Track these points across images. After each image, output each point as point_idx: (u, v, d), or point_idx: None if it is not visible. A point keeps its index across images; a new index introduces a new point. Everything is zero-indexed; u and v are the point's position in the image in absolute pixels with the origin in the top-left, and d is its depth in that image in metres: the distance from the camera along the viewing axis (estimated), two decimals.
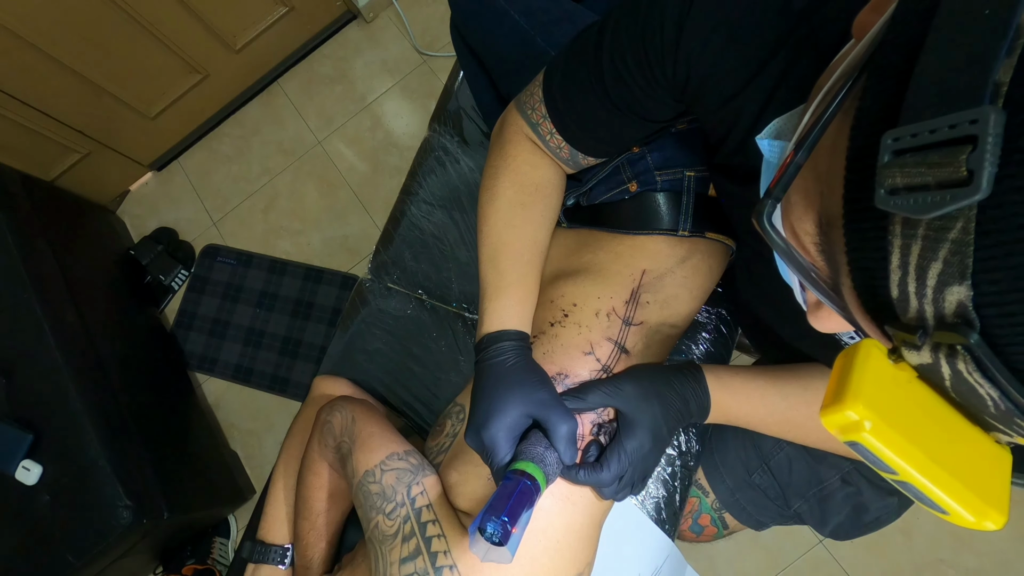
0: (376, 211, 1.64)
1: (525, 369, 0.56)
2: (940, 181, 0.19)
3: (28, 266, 1.17)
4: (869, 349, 0.25)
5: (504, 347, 0.57)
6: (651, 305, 0.63)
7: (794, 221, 0.30)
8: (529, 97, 0.63)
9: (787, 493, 0.82)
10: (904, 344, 0.23)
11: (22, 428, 1.04)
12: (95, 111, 1.47)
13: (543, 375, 0.57)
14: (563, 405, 0.54)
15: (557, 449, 0.52)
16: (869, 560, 1.28)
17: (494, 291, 0.61)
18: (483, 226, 0.64)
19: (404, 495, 0.58)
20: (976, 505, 0.23)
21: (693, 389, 0.58)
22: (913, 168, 0.20)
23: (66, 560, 1.02)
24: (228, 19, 1.50)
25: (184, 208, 1.74)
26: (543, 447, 0.52)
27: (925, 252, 0.21)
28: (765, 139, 0.37)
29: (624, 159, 0.67)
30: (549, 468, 0.51)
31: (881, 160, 0.21)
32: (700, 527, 1.07)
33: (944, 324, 0.21)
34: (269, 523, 0.79)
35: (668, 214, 0.65)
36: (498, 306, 0.60)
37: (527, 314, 0.61)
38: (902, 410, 0.24)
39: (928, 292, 0.21)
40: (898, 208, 0.20)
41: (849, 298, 0.26)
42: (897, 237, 0.22)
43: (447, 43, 1.67)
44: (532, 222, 0.63)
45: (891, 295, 0.23)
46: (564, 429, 0.52)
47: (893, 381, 0.25)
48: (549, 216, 0.65)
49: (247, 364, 1.59)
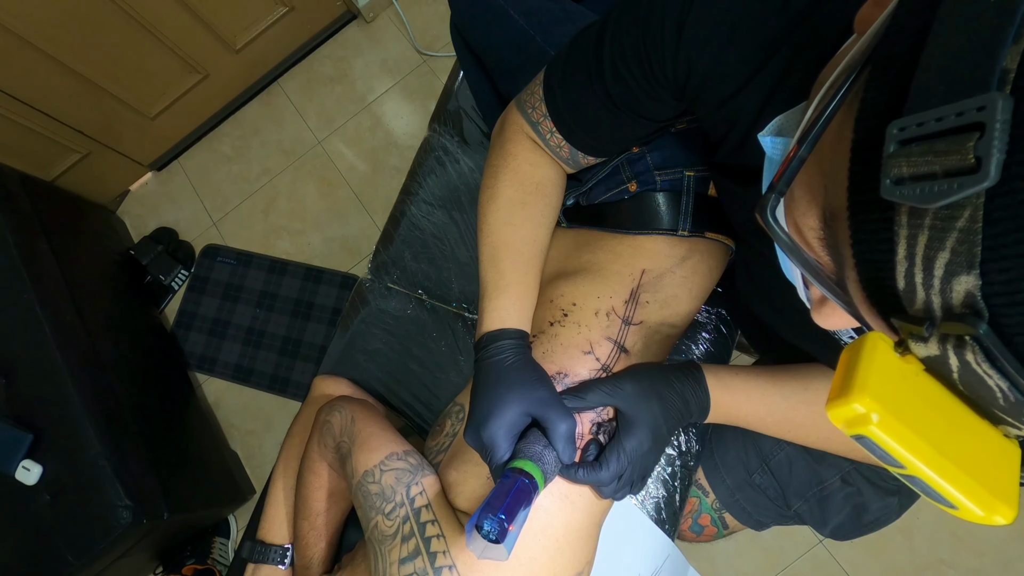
0: (376, 211, 1.64)
1: (524, 368, 0.56)
2: (947, 169, 0.19)
3: (28, 266, 1.17)
4: (875, 342, 0.25)
5: (503, 346, 0.57)
6: (651, 305, 0.63)
7: (797, 216, 0.29)
8: (529, 96, 0.63)
9: (787, 493, 0.82)
10: (911, 336, 0.23)
11: (22, 428, 1.04)
12: (95, 111, 1.47)
13: (542, 374, 0.57)
14: (562, 404, 0.54)
15: (556, 448, 0.52)
16: (869, 560, 1.28)
17: (494, 290, 0.61)
18: (483, 225, 0.64)
19: (403, 495, 0.58)
20: (985, 499, 0.23)
21: (693, 389, 0.58)
22: (919, 157, 0.20)
23: (66, 560, 1.02)
24: (228, 19, 1.50)
25: (184, 208, 1.74)
26: (541, 446, 0.52)
27: (932, 242, 0.21)
28: (767, 136, 0.37)
29: (624, 159, 0.67)
30: (547, 467, 0.51)
31: (887, 150, 0.21)
32: (700, 527, 1.07)
33: (952, 315, 0.21)
34: (269, 523, 0.79)
35: (668, 214, 0.65)
36: (497, 305, 0.60)
37: (527, 313, 0.61)
38: (909, 403, 0.24)
39: (935, 282, 0.21)
40: (904, 198, 0.20)
41: (854, 292, 0.26)
42: (903, 228, 0.21)
43: (447, 43, 1.67)
44: (532, 221, 0.63)
45: (897, 287, 0.23)
46: (563, 428, 0.52)
47: (900, 374, 0.24)
48: (549, 215, 0.65)
49: (247, 364, 1.59)
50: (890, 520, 0.80)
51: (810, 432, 0.59)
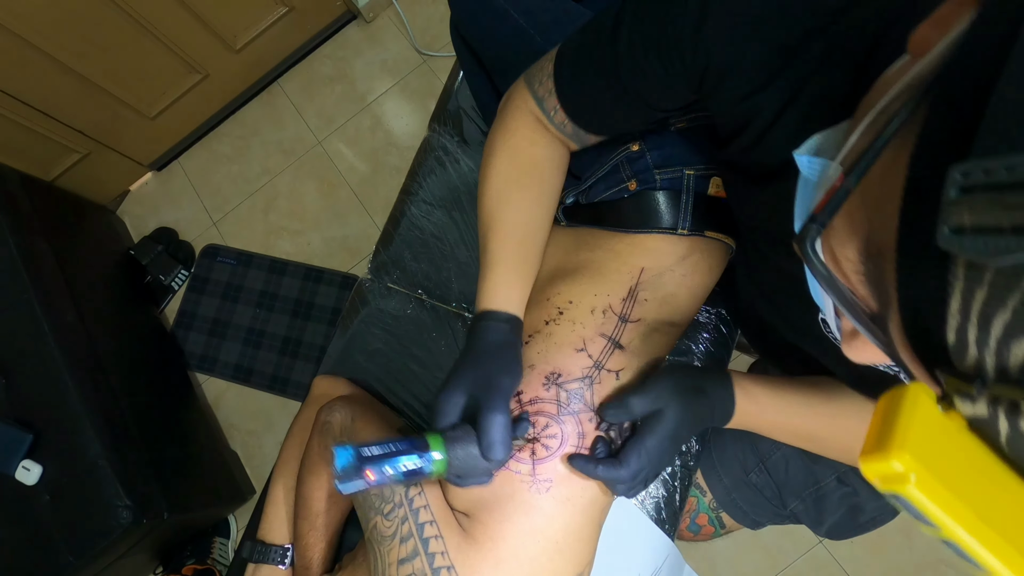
0: (376, 211, 1.64)
1: (488, 353, 0.56)
2: (1016, 225, 0.17)
3: (28, 266, 1.17)
4: (917, 394, 0.23)
5: (482, 327, 0.58)
6: (649, 303, 0.63)
7: (835, 246, 0.28)
8: (539, 71, 0.62)
9: (783, 493, 0.82)
10: (957, 392, 0.21)
11: (22, 428, 1.04)
12: (95, 111, 1.47)
13: (504, 364, 0.56)
14: (502, 402, 0.53)
15: (478, 438, 0.52)
16: (869, 560, 1.28)
17: (484, 269, 0.61)
18: (479, 201, 0.63)
19: (402, 496, 0.58)
20: None
21: (721, 395, 0.57)
22: (985, 208, 0.18)
23: (66, 560, 1.02)
24: (228, 19, 1.50)
25: (184, 208, 1.74)
26: (467, 436, 0.52)
27: (991, 300, 0.19)
28: (804, 155, 0.35)
29: (623, 157, 0.67)
30: (456, 453, 0.51)
31: (947, 196, 0.19)
32: (697, 526, 1.07)
33: (1007, 378, 0.19)
34: (269, 523, 0.79)
35: (667, 212, 0.65)
36: (485, 286, 0.60)
37: (512, 294, 0.60)
38: (950, 462, 0.22)
39: (991, 343, 0.19)
40: (964, 250, 0.18)
41: (896, 335, 0.24)
42: (959, 280, 0.20)
43: (447, 43, 1.67)
44: (526, 200, 0.62)
45: (947, 340, 0.21)
46: (488, 421, 0.51)
47: (941, 430, 0.23)
48: (547, 195, 0.64)
49: (247, 364, 1.59)
50: (886, 520, 0.80)
51: (829, 446, 0.59)
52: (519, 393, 0.60)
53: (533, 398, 0.59)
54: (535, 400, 0.59)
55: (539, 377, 0.60)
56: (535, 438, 0.58)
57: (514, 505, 0.55)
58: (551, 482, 0.56)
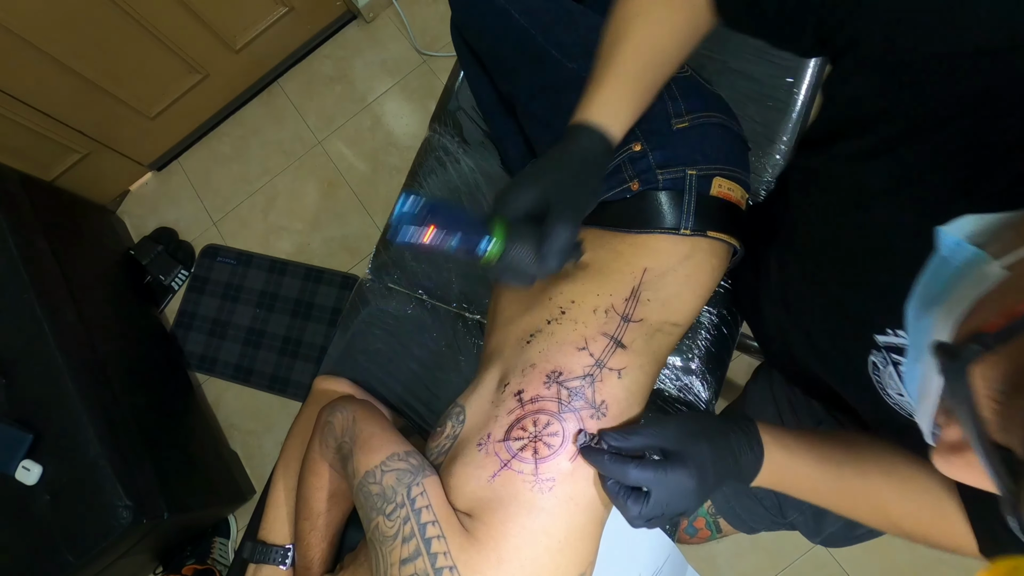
0: (376, 211, 1.64)
1: (578, 164, 0.54)
2: None
3: (28, 266, 1.17)
4: None
5: (583, 134, 0.55)
6: (652, 303, 0.63)
7: (978, 364, 0.25)
8: None
9: (783, 504, 0.82)
10: None
11: (22, 428, 1.04)
12: (95, 111, 1.47)
13: (592, 182, 0.55)
14: (576, 215, 0.52)
15: (539, 242, 0.52)
16: (869, 560, 1.28)
17: (599, 76, 0.57)
18: (612, 13, 0.58)
19: (404, 496, 0.58)
20: None
21: (747, 441, 0.55)
22: None
23: (66, 560, 1.02)
24: (228, 19, 1.50)
25: (184, 208, 1.74)
26: (532, 233, 0.52)
27: None
28: (952, 236, 0.31)
29: (626, 157, 0.67)
30: (515, 245, 0.51)
31: None
32: (695, 529, 1.07)
33: None
34: (270, 523, 0.79)
35: (670, 213, 0.65)
36: (600, 95, 0.56)
37: (622, 114, 0.57)
38: None
39: None
40: None
41: None
42: None
43: (447, 43, 1.67)
44: (670, 21, 0.57)
45: None
46: (557, 231, 0.51)
47: None
48: (693, 27, 0.58)
49: (247, 364, 1.59)
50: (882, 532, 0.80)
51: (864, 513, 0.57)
52: (519, 392, 0.60)
53: (534, 396, 0.59)
54: (536, 398, 0.59)
55: (540, 375, 0.60)
56: (536, 437, 0.58)
57: (517, 505, 0.55)
58: (554, 481, 0.56)
